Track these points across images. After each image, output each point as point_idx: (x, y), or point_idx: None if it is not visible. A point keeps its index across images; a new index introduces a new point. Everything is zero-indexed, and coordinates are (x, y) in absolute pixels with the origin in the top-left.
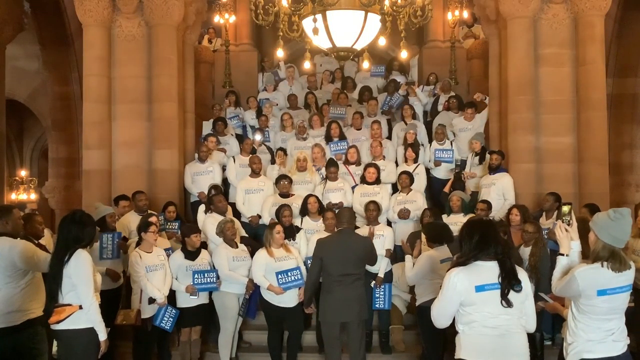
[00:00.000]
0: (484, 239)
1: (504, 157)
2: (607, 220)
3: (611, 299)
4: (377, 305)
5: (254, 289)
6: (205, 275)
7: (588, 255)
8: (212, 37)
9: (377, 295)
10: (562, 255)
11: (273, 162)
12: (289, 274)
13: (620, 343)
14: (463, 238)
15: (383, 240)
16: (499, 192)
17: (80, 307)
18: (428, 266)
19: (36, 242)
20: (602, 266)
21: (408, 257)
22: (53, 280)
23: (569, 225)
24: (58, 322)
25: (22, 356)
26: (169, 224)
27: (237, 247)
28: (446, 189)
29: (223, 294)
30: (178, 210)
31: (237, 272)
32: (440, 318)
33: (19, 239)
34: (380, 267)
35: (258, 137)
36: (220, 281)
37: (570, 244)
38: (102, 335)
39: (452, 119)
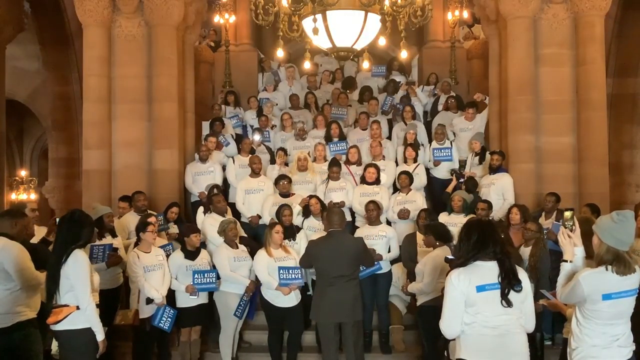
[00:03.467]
0: (482, 239)
1: (505, 158)
2: (611, 223)
3: (616, 304)
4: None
5: (254, 291)
6: (205, 275)
7: (592, 254)
8: (213, 39)
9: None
10: (566, 261)
11: (273, 162)
12: (290, 271)
13: (626, 349)
14: (462, 239)
15: (387, 240)
16: (499, 192)
17: (78, 308)
18: (439, 266)
19: (30, 242)
20: (607, 270)
21: (411, 287)
22: (52, 280)
23: (571, 231)
24: (56, 322)
25: (15, 358)
26: (169, 224)
27: (237, 247)
28: (449, 189)
29: (225, 294)
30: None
31: (238, 272)
32: (451, 325)
33: (16, 242)
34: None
35: (257, 137)
36: (220, 281)
37: (573, 250)
38: (100, 335)
39: (451, 119)
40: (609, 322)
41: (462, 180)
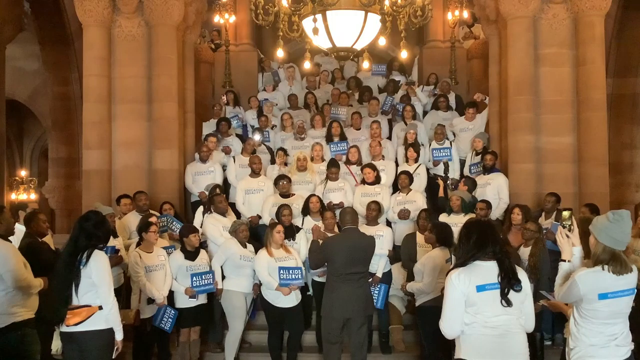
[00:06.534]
0: (481, 239)
1: (497, 157)
2: (607, 223)
3: (613, 303)
4: None
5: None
6: (203, 277)
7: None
8: (216, 40)
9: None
10: (564, 261)
11: (273, 162)
12: (291, 271)
13: (624, 348)
14: (461, 239)
15: (382, 240)
16: (495, 192)
17: (100, 308)
18: (438, 266)
19: (40, 240)
20: (603, 269)
21: (410, 285)
22: (67, 282)
23: (569, 231)
24: (77, 324)
25: (12, 358)
26: (173, 223)
27: (245, 247)
28: (441, 194)
29: (230, 293)
30: (176, 209)
31: (241, 270)
32: (451, 325)
33: (6, 242)
34: (379, 266)
35: (257, 137)
36: (217, 282)
37: (571, 250)
38: (120, 334)
39: (441, 118)
40: (606, 321)
41: (448, 181)
